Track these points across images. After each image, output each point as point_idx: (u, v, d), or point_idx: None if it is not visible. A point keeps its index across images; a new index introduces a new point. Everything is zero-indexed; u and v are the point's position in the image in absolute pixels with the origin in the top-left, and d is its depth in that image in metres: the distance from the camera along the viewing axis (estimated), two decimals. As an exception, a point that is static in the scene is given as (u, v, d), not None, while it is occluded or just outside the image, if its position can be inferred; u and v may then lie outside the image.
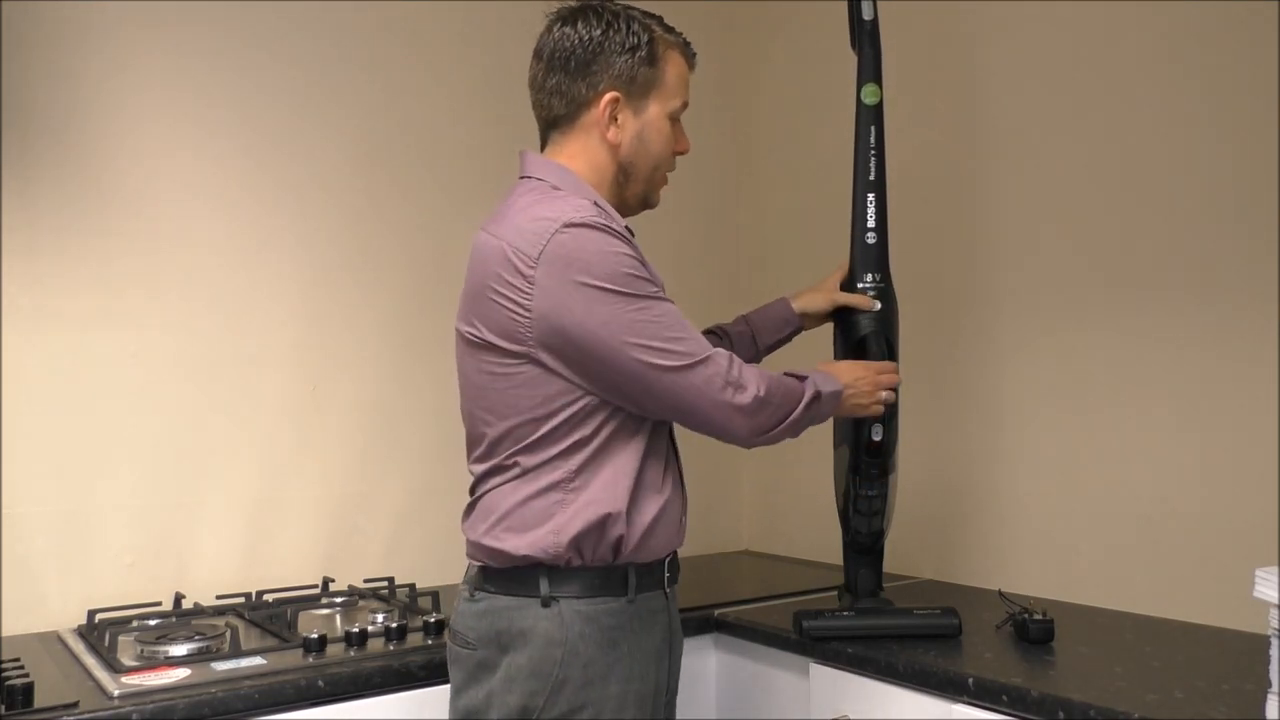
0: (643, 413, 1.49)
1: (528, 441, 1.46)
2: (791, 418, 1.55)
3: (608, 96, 1.51)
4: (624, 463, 1.47)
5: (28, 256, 1.93)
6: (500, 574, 1.48)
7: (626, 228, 1.52)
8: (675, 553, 1.61)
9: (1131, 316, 1.97)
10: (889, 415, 1.77)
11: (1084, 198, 2.05)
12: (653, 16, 1.58)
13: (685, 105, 1.60)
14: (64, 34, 1.96)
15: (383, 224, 2.29)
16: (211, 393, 2.09)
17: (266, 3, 2.16)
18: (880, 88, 1.84)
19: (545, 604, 1.45)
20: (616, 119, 1.52)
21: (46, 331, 1.94)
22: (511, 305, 1.43)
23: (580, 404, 1.45)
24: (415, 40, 2.33)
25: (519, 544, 1.45)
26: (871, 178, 1.83)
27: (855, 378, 1.67)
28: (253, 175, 2.15)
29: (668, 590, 1.57)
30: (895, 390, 1.74)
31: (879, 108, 1.83)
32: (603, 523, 1.45)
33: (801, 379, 1.60)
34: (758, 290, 2.54)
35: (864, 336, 1.80)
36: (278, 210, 2.17)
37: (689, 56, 1.60)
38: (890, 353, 1.81)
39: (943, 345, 2.29)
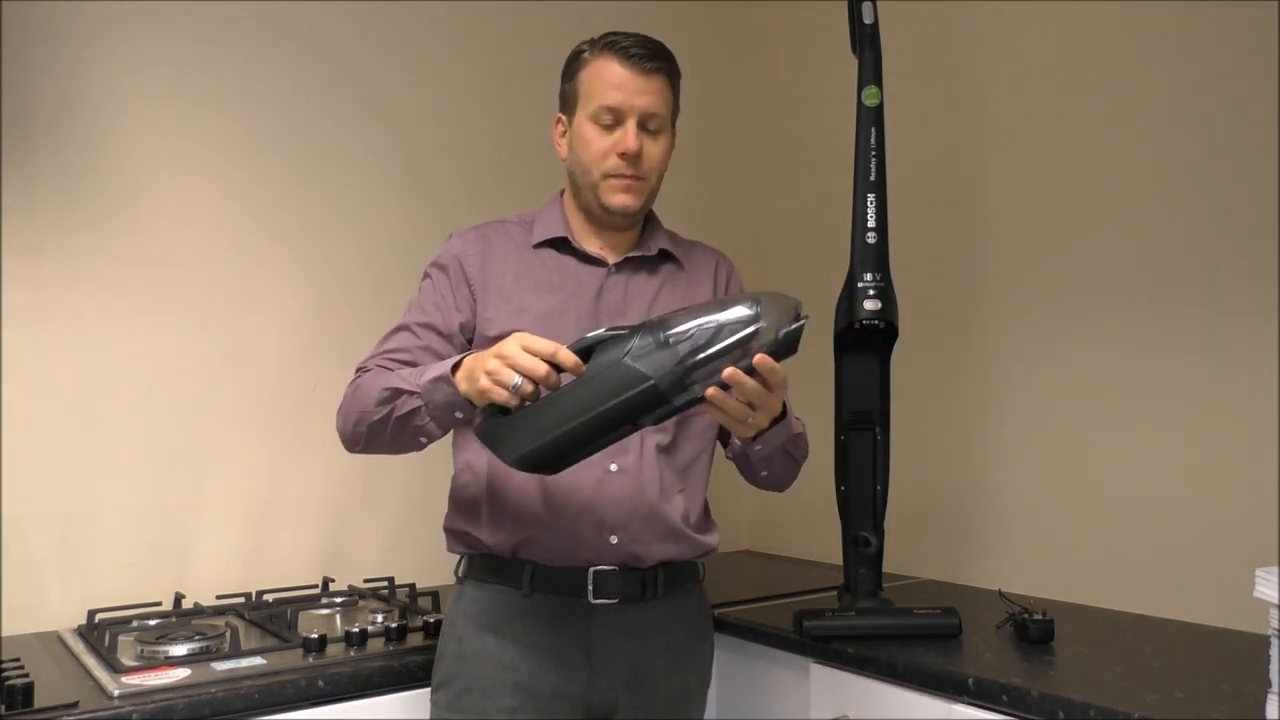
0: None
1: None
2: (367, 423, 1.50)
3: (555, 121, 1.63)
4: (478, 462, 1.56)
5: (28, 256, 1.92)
6: None
7: (563, 238, 1.60)
8: (640, 570, 1.53)
9: (1131, 316, 1.97)
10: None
11: (1083, 197, 2.05)
12: (601, 36, 1.55)
13: (612, 108, 1.52)
14: (65, 35, 1.96)
15: (384, 225, 2.29)
16: (212, 393, 2.09)
17: (269, 4, 2.16)
18: (881, 90, 1.84)
19: (459, 580, 1.62)
20: (563, 138, 1.61)
21: (46, 331, 1.94)
22: None
23: None
24: (417, 46, 2.33)
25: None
26: (872, 178, 1.84)
27: (479, 357, 1.36)
28: (254, 176, 2.15)
29: (593, 602, 1.52)
30: (556, 370, 1.29)
31: (879, 109, 1.84)
32: (452, 521, 1.60)
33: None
34: (759, 289, 2.53)
35: None
36: (279, 210, 2.17)
37: (620, 54, 1.52)
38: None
39: (943, 344, 2.29)
